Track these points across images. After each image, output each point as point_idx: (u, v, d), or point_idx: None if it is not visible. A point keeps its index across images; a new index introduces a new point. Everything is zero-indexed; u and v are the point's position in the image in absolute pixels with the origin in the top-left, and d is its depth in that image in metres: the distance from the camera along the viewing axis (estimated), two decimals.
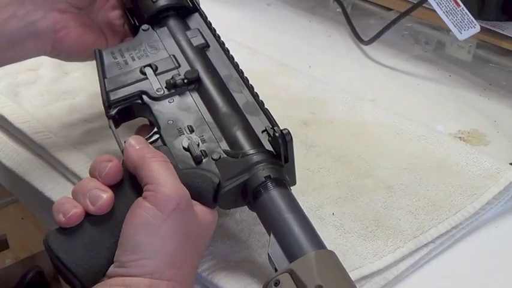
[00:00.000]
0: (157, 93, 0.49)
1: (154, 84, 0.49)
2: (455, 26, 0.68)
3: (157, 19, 0.54)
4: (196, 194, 0.43)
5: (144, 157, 0.42)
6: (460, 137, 0.65)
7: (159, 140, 0.46)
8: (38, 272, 1.21)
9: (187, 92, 0.49)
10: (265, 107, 0.48)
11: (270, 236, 0.42)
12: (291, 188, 0.45)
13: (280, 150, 0.43)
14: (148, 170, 0.41)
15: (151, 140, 0.46)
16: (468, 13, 0.68)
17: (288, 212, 0.42)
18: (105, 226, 0.42)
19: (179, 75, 0.49)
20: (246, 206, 0.45)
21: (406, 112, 0.66)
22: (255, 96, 0.49)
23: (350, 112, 0.65)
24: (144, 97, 0.49)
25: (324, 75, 0.74)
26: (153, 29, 0.53)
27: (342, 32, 0.86)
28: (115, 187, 0.43)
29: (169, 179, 0.41)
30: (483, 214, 0.53)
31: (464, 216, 0.52)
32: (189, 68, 0.50)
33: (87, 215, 0.42)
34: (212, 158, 0.44)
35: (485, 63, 0.77)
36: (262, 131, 0.45)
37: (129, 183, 0.43)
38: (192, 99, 0.49)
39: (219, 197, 0.43)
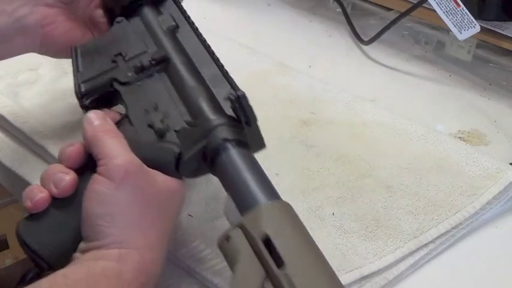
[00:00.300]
0: (127, 78, 0.50)
1: (124, 70, 0.50)
2: (455, 26, 0.68)
3: (131, 9, 0.55)
4: (160, 167, 0.44)
5: (97, 135, 0.43)
6: (460, 137, 0.65)
7: (127, 122, 0.48)
8: (38, 272, 1.21)
9: (156, 73, 0.50)
10: (231, 76, 0.48)
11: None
12: (263, 150, 0.45)
13: (239, 114, 0.44)
14: (100, 146, 0.43)
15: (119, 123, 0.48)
16: (468, 13, 0.68)
17: (245, 170, 0.42)
18: (70, 207, 0.43)
19: (147, 58, 0.50)
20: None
21: (406, 112, 0.66)
22: (221, 67, 0.50)
23: (350, 112, 0.65)
24: (115, 84, 0.50)
25: (324, 75, 0.74)
26: (127, 20, 0.55)
27: (342, 32, 0.87)
28: (80, 170, 0.44)
29: (118, 151, 0.42)
30: (483, 214, 0.53)
31: (464, 216, 0.52)
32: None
33: (54, 199, 0.43)
34: (174, 131, 0.45)
35: (485, 63, 0.77)
36: (225, 99, 0.46)
37: (92, 165, 0.44)
38: (160, 79, 0.50)
39: (180, 166, 0.44)
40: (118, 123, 0.47)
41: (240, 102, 0.43)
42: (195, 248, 0.49)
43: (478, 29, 0.68)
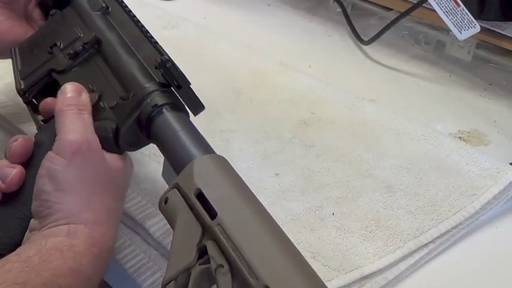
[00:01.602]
0: (63, 66, 0.51)
1: (60, 59, 0.51)
2: (455, 26, 0.68)
3: (63, 1, 0.56)
4: (101, 144, 0.45)
5: (61, 109, 0.44)
6: (460, 137, 0.65)
7: None
8: None
9: (89, 56, 0.51)
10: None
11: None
12: (201, 111, 0.46)
13: (168, 78, 0.45)
14: (60, 122, 0.44)
15: None
16: (468, 13, 0.68)
17: (179, 131, 0.42)
18: (17, 199, 0.44)
19: (80, 43, 0.51)
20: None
21: (406, 112, 0.66)
22: (151, 40, 0.50)
23: (350, 112, 0.65)
24: (53, 74, 0.51)
25: (324, 75, 0.74)
26: (61, 11, 0.55)
27: (342, 32, 0.87)
28: (27, 163, 0.45)
29: (75, 126, 0.43)
30: (483, 214, 0.53)
31: (464, 216, 0.52)
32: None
33: (4, 194, 0.44)
34: (110, 108, 0.46)
35: (485, 63, 0.77)
36: (156, 68, 0.46)
37: (42, 154, 0.44)
38: (94, 61, 0.50)
39: (120, 140, 0.45)
40: None
41: (165, 66, 0.44)
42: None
43: (478, 29, 0.68)
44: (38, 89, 0.51)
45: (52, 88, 0.51)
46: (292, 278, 0.31)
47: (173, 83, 0.45)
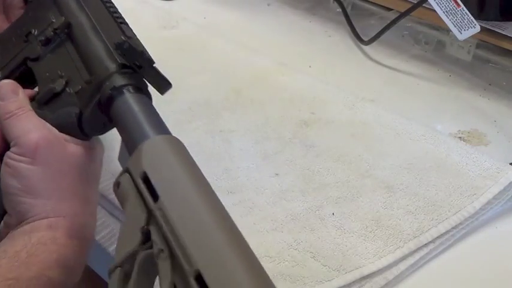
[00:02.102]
0: (36, 53, 0.50)
1: (34, 46, 0.51)
2: (455, 26, 0.68)
3: None
4: (67, 131, 0.45)
5: (4, 119, 0.44)
6: (460, 137, 0.65)
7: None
8: None
9: (61, 42, 0.50)
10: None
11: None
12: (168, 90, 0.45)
13: (128, 59, 0.44)
14: (11, 127, 0.44)
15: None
16: (468, 13, 0.68)
17: (136, 110, 0.42)
18: None
19: (51, 28, 0.51)
20: None
21: (406, 112, 0.66)
22: (119, 23, 0.49)
23: (350, 112, 0.65)
24: (28, 62, 0.51)
25: (324, 75, 0.74)
26: None
27: (342, 32, 0.87)
28: None
29: (26, 126, 0.44)
30: (483, 214, 0.53)
31: (464, 216, 0.52)
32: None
33: None
34: (75, 93, 0.46)
35: (485, 63, 0.77)
36: (116, 49, 0.46)
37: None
38: (65, 47, 0.50)
39: (84, 125, 0.45)
40: (31, 100, 0.48)
41: (122, 48, 0.44)
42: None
43: (478, 29, 0.68)
44: (13, 78, 0.51)
45: (29, 77, 0.51)
46: (230, 264, 0.30)
47: (133, 64, 0.44)
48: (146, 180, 0.35)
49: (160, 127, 0.40)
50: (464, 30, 0.68)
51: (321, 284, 0.46)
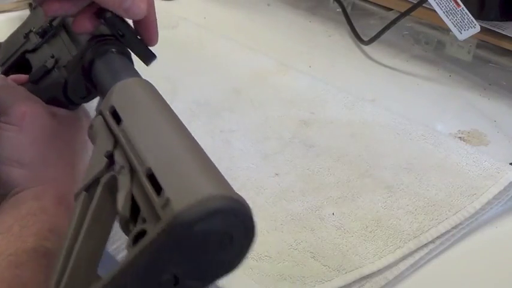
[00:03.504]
0: (34, 45, 0.54)
1: (33, 40, 0.54)
2: (455, 26, 0.68)
3: None
4: (55, 102, 0.48)
5: None
6: (460, 137, 0.65)
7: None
8: None
9: (56, 32, 0.53)
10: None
11: None
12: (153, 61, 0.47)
13: (110, 28, 0.46)
14: None
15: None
16: (468, 13, 0.68)
17: (116, 65, 0.43)
18: None
19: (48, 21, 0.54)
20: None
21: (406, 112, 0.66)
22: None
23: (350, 112, 0.65)
24: (26, 55, 0.54)
25: (324, 75, 0.74)
26: None
27: (342, 32, 0.87)
28: None
29: (12, 98, 0.45)
30: (483, 214, 0.53)
31: (464, 216, 0.52)
32: None
33: None
34: (63, 67, 0.48)
35: (485, 63, 0.77)
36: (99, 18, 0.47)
37: None
38: (59, 36, 0.52)
39: (69, 93, 0.47)
40: (23, 85, 0.50)
41: (104, 17, 0.45)
42: None
43: (478, 29, 0.68)
44: (12, 70, 0.55)
45: (25, 67, 0.53)
46: (181, 162, 0.30)
47: (116, 32, 0.46)
48: (114, 112, 0.36)
49: (136, 74, 0.42)
50: (464, 30, 0.68)
51: (321, 284, 0.46)
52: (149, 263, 0.26)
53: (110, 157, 0.34)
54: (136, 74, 0.42)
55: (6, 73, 0.55)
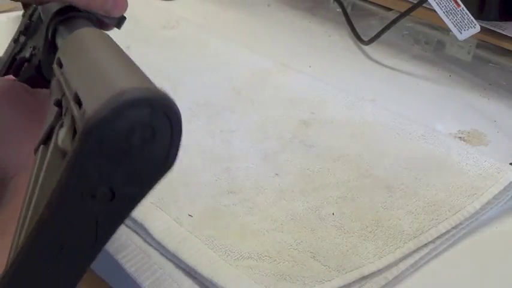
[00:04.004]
0: (20, 45, 0.54)
1: (21, 41, 0.55)
2: (455, 26, 0.68)
3: None
4: (39, 85, 0.49)
5: None
6: (460, 137, 0.65)
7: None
8: None
9: (36, 26, 0.54)
10: None
11: None
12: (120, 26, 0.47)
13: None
14: None
15: None
16: (468, 13, 0.68)
17: (77, 27, 0.42)
18: None
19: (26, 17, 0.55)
20: None
21: (406, 112, 0.66)
22: None
23: (350, 112, 0.65)
24: (16, 57, 0.55)
25: (324, 75, 0.74)
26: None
27: (342, 32, 0.87)
28: None
29: None
30: (483, 214, 0.53)
31: (464, 216, 0.52)
32: None
33: None
34: (38, 49, 0.49)
35: (485, 63, 0.77)
36: None
37: None
38: (39, 29, 0.52)
39: (43, 71, 0.48)
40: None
41: None
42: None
43: (478, 29, 0.68)
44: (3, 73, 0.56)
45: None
46: (100, 73, 0.28)
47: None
48: (58, 60, 0.36)
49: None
50: (464, 30, 0.68)
51: (321, 284, 0.46)
52: (77, 180, 0.25)
53: (59, 104, 0.33)
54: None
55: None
